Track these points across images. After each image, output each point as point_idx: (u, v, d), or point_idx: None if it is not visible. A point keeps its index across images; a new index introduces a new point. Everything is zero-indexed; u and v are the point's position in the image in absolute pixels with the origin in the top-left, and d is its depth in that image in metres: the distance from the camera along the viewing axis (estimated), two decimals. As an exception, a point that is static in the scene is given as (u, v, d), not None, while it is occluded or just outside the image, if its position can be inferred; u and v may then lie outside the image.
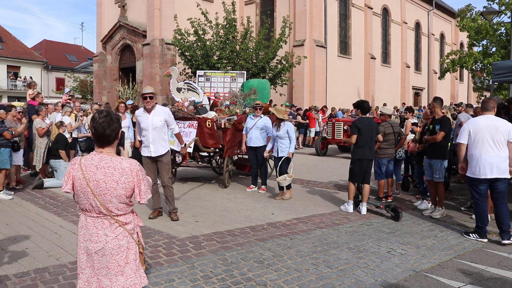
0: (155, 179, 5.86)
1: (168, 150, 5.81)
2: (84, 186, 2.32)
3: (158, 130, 5.61)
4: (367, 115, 6.65)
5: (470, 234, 5.18)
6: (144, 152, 5.74)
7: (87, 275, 2.41)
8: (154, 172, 5.82)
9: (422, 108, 20.81)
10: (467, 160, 5.16)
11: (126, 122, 8.80)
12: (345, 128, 13.66)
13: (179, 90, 9.73)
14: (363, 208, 6.32)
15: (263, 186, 7.95)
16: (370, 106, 6.56)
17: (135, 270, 2.43)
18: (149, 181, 2.50)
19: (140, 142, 5.84)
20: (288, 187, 7.39)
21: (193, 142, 7.59)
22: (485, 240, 5.04)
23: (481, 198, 5.07)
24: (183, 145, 6.21)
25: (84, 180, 2.32)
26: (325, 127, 14.82)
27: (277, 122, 7.29)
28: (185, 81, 10.62)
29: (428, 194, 6.69)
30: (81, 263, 2.43)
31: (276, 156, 7.41)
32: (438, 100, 6.25)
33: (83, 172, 2.33)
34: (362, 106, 6.51)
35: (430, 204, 6.72)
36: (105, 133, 2.35)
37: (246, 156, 8.90)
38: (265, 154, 7.68)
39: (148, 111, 5.63)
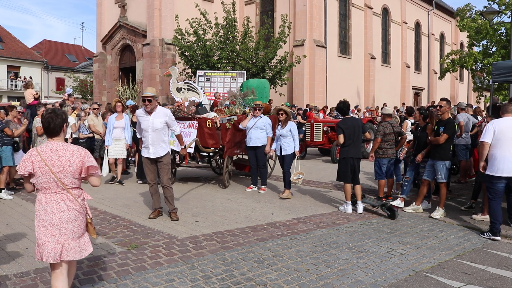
0: (155, 179, 5.85)
1: (168, 151, 5.79)
2: (43, 166, 2.81)
3: (158, 132, 5.59)
4: (350, 114, 6.72)
5: (485, 233, 5.26)
6: (144, 153, 5.75)
7: (53, 243, 2.82)
8: (154, 172, 5.82)
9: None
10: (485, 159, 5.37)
11: (122, 123, 8.58)
12: (324, 129, 12.90)
13: (179, 90, 9.73)
14: (359, 207, 6.34)
15: (263, 186, 7.95)
16: (349, 105, 6.70)
17: (87, 235, 3.04)
18: (95, 161, 3.02)
19: (140, 139, 5.87)
20: (288, 186, 7.41)
21: (194, 143, 7.60)
22: (498, 238, 5.11)
23: (496, 196, 5.22)
24: (183, 147, 6.20)
25: (43, 161, 2.82)
26: (304, 128, 13.84)
27: (284, 120, 7.35)
28: (185, 81, 10.61)
29: (427, 195, 6.70)
30: (43, 235, 2.84)
31: (279, 154, 7.45)
32: (449, 102, 6.28)
33: (41, 155, 2.83)
34: (338, 107, 6.76)
35: (429, 203, 6.74)
36: (50, 127, 2.89)
37: (246, 156, 8.90)
38: (267, 149, 7.72)
39: (149, 112, 5.61)
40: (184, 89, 9.73)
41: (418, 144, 6.71)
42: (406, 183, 6.80)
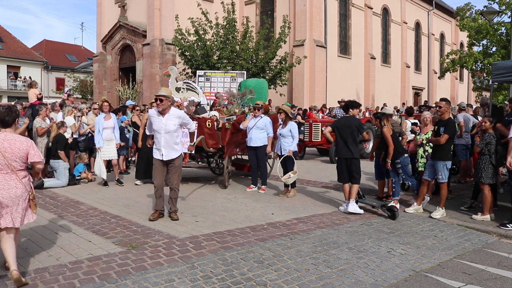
0: (162, 183, 5.72)
1: (181, 154, 5.72)
2: None
3: (170, 134, 5.50)
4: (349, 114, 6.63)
5: (508, 225, 5.48)
6: (156, 155, 5.65)
7: (4, 213, 3.56)
8: (162, 175, 5.71)
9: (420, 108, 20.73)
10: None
11: (111, 123, 8.31)
12: (323, 129, 12.51)
13: (178, 89, 9.71)
14: (350, 207, 6.19)
15: (263, 186, 7.95)
16: (353, 105, 6.55)
17: (30, 209, 3.81)
18: (38, 151, 3.78)
19: (150, 136, 5.88)
20: (293, 185, 7.42)
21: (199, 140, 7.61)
22: None
23: None
24: (192, 143, 6.21)
25: None
26: (302, 129, 13.61)
27: (284, 120, 7.38)
28: (184, 81, 10.60)
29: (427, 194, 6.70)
30: None
31: (280, 154, 7.48)
32: (449, 102, 6.26)
33: None
34: (342, 106, 6.68)
35: (428, 199, 6.73)
36: (5, 119, 3.70)
37: (246, 156, 8.90)
38: (268, 149, 7.73)
39: (162, 113, 5.49)
40: (183, 88, 9.71)
41: (384, 148, 6.65)
42: (394, 185, 6.75)
